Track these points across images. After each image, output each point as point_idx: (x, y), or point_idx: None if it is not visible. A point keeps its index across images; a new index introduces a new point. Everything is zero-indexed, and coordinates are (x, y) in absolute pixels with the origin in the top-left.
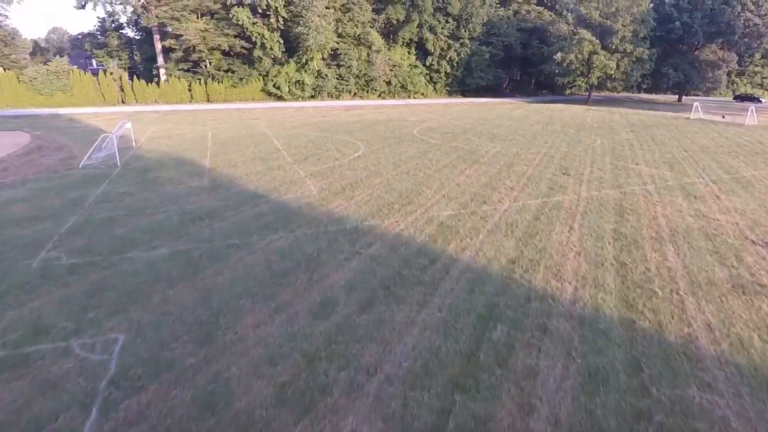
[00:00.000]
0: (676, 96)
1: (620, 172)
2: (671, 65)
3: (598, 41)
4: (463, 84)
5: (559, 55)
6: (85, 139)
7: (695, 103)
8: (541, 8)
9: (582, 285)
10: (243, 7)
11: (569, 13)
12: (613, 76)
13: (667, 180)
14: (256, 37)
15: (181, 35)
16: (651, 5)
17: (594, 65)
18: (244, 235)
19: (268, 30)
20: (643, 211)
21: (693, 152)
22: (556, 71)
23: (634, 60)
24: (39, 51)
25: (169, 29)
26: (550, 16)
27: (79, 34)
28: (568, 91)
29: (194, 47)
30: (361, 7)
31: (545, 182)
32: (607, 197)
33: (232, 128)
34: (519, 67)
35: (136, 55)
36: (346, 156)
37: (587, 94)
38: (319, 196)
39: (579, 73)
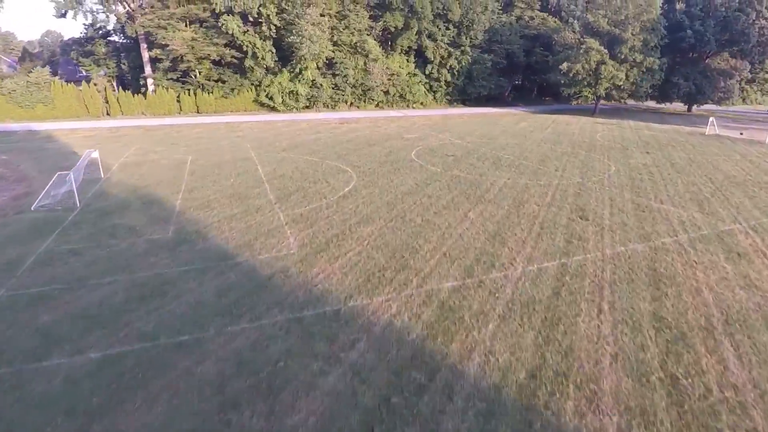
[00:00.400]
0: (685, 105)
1: (644, 214)
2: (682, 75)
3: (606, 50)
4: (464, 93)
5: (565, 65)
6: (54, 166)
7: (711, 119)
8: (545, 14)
9: (628, 422)
10: (233, 16)
11: (575, 21)
12: (622, 86)
13: (699, 227)
14: (247, 47)
15: (167, 45)
16: (661, 13)
17: (602, 76)
18: (198, 326)
19: (260, 39)
20: (681, 279)
21: (720, 184)
22: (562, 81)
23: (644, 70)
24: (28, 56)
25: (157, 38)
26: (555, 22)
27: (69, 40)
28: (574, 102)
29: (182, 57)
30: (357, 14)
31: (561, 231)
32: (636, 256)
33: (215, 150)
34: (522, 74)
35: (123, 63)
36: (336, 191)
37: (594, 104)
38: (299, 255)
39: (586, 83)
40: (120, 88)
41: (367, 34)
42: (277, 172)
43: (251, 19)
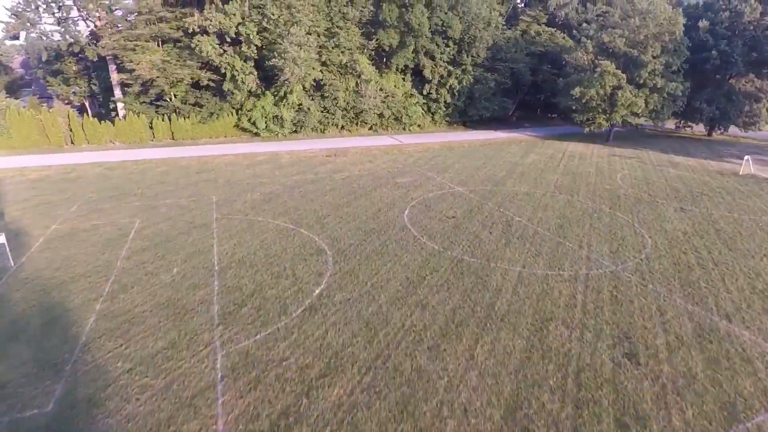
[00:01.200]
0: (705, 129)
1: (712, 347)
2: (704, 98)
3: (623, 74)
4: (465, 114)
5: (577, 91)
6: None
7: (746, 157)
8: (552, 29)
9: None
10: (208, 36)
11: (588, 41)
12: (640, 114)
13: None
14: (225, 68)
15: (134, 69)
16: (683, 31)
17: (618, 102)
18: None
19: (240, 59)
20: None
21: None
22: (574, 107)
23: (665, 96)
24: (2, 69)
25: (123, 61)
26: (564, 38)
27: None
28: (586, 129)
29: (152, 81)
30: (348, 32)
31: (608, 390)
32: None
33: (171, 208)
34: (528, 92)
35: (94, 84)
36: (302, 295)
37: (608, 130)
38: None
39: (600, 110)
40: (87, 114)
41: (360, 53)
42: (236, 253)
43: (229, 39)
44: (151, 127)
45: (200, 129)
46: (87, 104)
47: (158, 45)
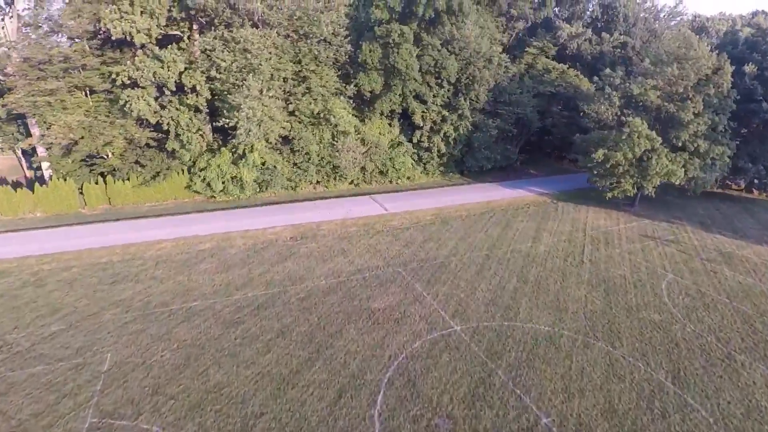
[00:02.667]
0: (740, 187)
1: None
2: (749, 154)
3: (657, 137)
4: (462, 164)
5: (600, 154)
6: None
7: None
8: (563, 66)
9: None
10: (142, 89)
11: (614, 92)
12: (679, 183)
13: None
14: (168, 124)
15: (50, 128)
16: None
17: (651, 170)
18: None
19: (187, 112)
20: None
21: None
22: (595, 171)
23: (710, 161)
24: None
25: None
26: (576, 76)
27: None
28: (609, 195)
29: (76, 142)
30: (321, 77)
31: None
32: None
33: (24, 402)
34: (536, 135)
35: (20, 134)
36: None
37: (634, 195)
38: None
39: (628, 175)
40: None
41: (337, 97)
42: None
43: (168, 91)
44: (81, 192)
45: (143, 193)
46: (23, 163)
47: (86, 95)
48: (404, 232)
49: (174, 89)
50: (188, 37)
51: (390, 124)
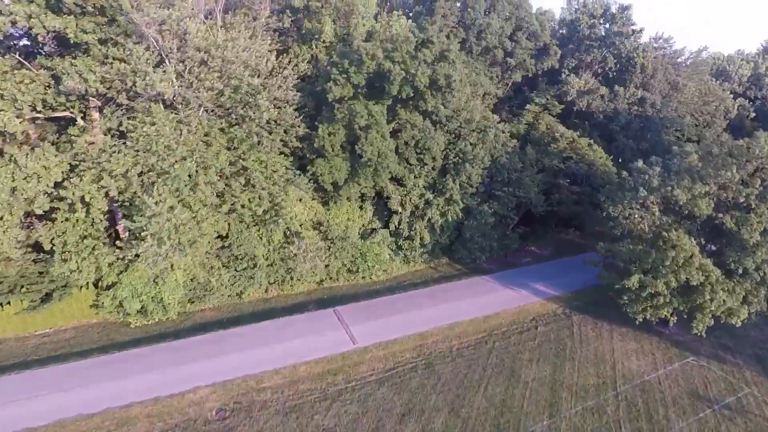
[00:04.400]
0: None
1: None
2: None
3: (708, 262)
4: (450, 252)
5: (635, 280)
6: None
7: None
8: (573, 133)
9: None
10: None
11: (650, 194)
12: (733, 315)
13: None
14: (52, 245)
15: None
16: None
17: (704, 306)
18: None
19: (79, 226)
20: None
21: None
22: (626, 297)
23: None
24: None
25: None
26: (589, 145)
27: None
28: (640, 317)
29: None
30: (267, 167)
31: None
32: None
33: None
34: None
35: None
36: None
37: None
38: None
39: (671, 306)
40: None
41: (290, 183)
42: None
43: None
44: None
45: (32, 320)
46: None
47: None
48: (376, 392)
49: (47, 207)
50: (83, 117)
51: (362, 207)
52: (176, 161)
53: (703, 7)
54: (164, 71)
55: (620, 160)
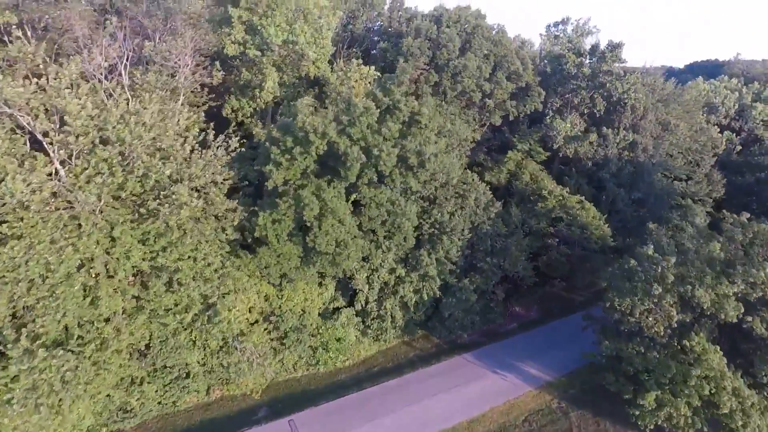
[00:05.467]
0: None
1: None
2: None
3: (740, 382)
4: (426, 327)
5: (651, 399)
6: None
7: None
8: (561, 190)
9: None
10: None
11: (666, 293)
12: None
13: None
14: None
15: None
16: None
17: (731, 421)
18: None
19: None
20: None
21: None
22: (637, 413)
23: None
24: None
25: None
26: (579, 203)
27: None
28: (651, 426)
29: None
30: (196, 260)
31: None
32: None
33: None
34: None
35: None
36: None
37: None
38: None
39: (689, 423)
40: None
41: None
42: None
43: None
44: None
45: None
46: None
47: None
48: None
49: None
50: None
51: (321, 283)
52: (61, 281)
53: (703, 7)
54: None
55: (610, 212)
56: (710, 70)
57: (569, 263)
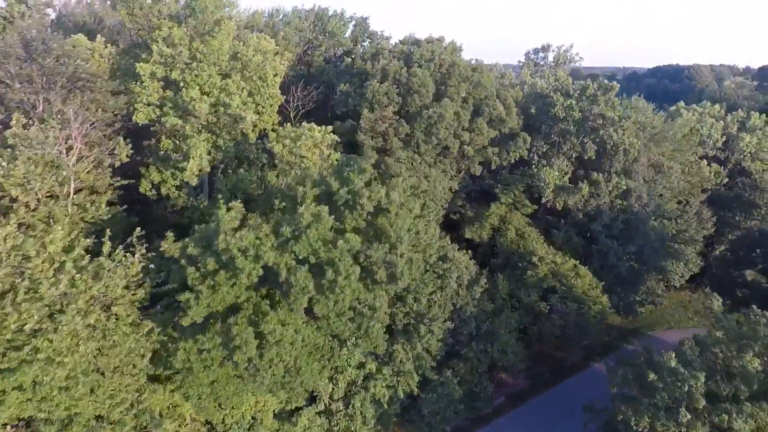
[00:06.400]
0: None
1: None
2: None
3: None
4: (403, 418)
5: None
6: None
7: None
8: (554, 256)
9: None
10: None
11: (697, 419)
12: None
13: None
14: None
15: None
16: None
17: None
18: None
19: None
20: None
21: None
22: None
23: None
24: None
25: None
26: (573, 268)
27: None
28: None
29: None
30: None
31: None
32: None
33: None
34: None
35: None
36: None
37: None
38: None
39: None
40: None
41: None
42: None
43: None
44: None
45: None
46: None
47: None
48: None
49: None
50: None
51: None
52: None
53: (702, 7)
54: None
55: (603, 266)
56: (673, 74)
57: (562, 332)
